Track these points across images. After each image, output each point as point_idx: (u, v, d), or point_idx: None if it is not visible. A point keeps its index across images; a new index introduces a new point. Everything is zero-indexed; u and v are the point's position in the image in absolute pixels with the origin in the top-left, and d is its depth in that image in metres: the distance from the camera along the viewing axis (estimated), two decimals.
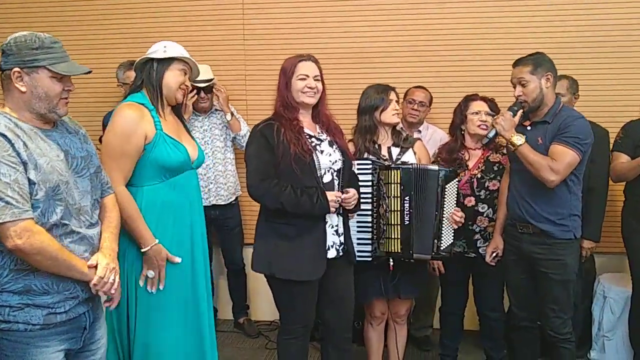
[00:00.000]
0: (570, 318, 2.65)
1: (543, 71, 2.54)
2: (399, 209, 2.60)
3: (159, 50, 2.26)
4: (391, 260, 2.67)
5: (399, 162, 2.74)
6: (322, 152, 2.43)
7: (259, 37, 3.83)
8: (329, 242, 2.45)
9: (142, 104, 2.23)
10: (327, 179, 2.43)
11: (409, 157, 2.77)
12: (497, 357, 3.09)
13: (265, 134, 2.37)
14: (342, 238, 2.50)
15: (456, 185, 2.68)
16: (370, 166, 2.63)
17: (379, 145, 2.77)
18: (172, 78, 2.26)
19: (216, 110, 3.63)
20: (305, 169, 2.35)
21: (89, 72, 1.79)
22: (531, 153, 2.48)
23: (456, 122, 2.98)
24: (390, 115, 2.75)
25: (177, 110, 2.40)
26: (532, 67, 2.53)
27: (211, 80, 3.51)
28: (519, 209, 2.64)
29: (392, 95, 2.77)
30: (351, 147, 2.72)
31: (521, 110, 2.58)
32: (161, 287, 2.21)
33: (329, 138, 2.49)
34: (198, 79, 3.46)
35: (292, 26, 3.79)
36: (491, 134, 2.63)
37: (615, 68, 3.53)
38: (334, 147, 2.48)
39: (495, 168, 2.91)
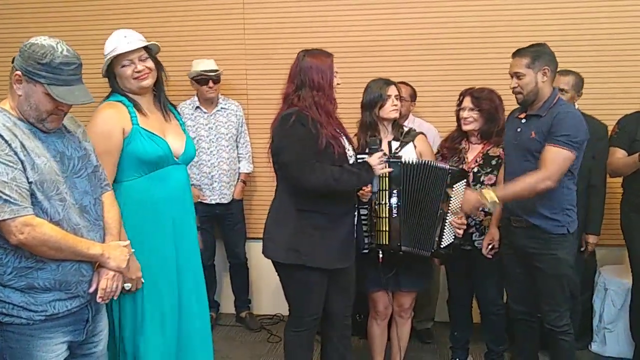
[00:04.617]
0: (567, 310, 2.64)
1: (540, 65, 2.50)
2: (386, 201, 2.61)
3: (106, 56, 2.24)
4: (380, 252, 2.67)
5: (396, 155, 2.74)
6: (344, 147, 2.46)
7: (259, 32, 3.84)
8: None
9: (120, 102, 2.23)
10: None
11: (408, 151, 2.77)
12: (497, 349, 3.10)
13: (304, 123, 2.34)
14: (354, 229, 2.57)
15: (464, 186, 2.68)
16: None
17: (380, 140, 2.77)
18: (123, 74, 2.22)
19: (222, 108, 3.64)
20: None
21: (90, 102, 1.75)
22: (513, 192, 2.46)
23: (456, 116, 3.01)
24: (389, 111, 2.75)
25: (164, 104, 2.34)
26: (530, 60, 2.50)
27: (217, 71, 3.55)
28: (512, 203, 2.60)
29: (391, 90, 2.76)
30: (356, 143, 2.73)
31: (381, 152, 2.51)
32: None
33: (342, 133, 2.50)
34: (206, 69, 3.51)
35: (292, 20, 3.79)
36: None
37: (615, 62, 3.53)
38: (348, 142, 2.51)
39: (494, 162, 2.90)
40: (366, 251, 2.68)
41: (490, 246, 2.82)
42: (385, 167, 2.49)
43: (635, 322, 3.16)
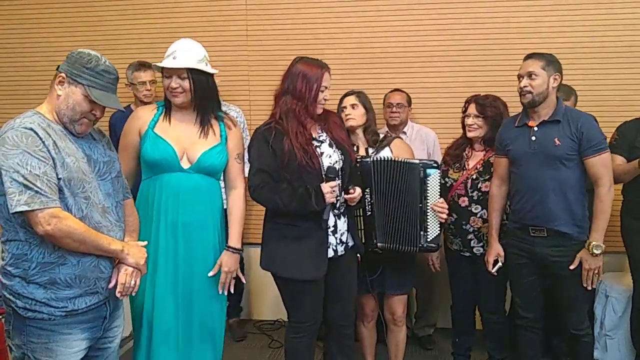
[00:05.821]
0: (586, 311, 2.69)
1: (553, 70, 2.56)
2: (361, 200, 2.60)
3: None
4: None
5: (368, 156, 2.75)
6: (321, 154, 2.45)
7: (262, 37, 3.86)
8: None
9: (157, 105, 2.41)
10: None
11: (385, 154, 2.77)
12: (498, 357, 3.09)
13: (267, 139, 2.40)
14: (342, 237, 2.52)
15: (438, 178, 2.69)
16: None
17: (357, 147, 2.81)
18: (163, 84, 2.36)
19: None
20: (312, 178, 2.38)
21: (121, 110, 1.99)
22: (603, 223, 2.52)
23: (462, 123, 3.03)
24: (344, 120, 2.76)
25: (204, 123, 2.36)
26: (545, 63, 2.55)
27: None
28: (532, 213, 2.60)
29: (345, 101, 2.81)
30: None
31: (334, 182, 2.39)
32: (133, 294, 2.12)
33: (328, 138, 2.51)
34: None
35: (295, 26, 3.82)
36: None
37: (615, 70, 3.54)
38: (334, 147, 2.50)
39: (493, 170, 2.90)
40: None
41: (496, 264, 2.77)
42: (335, 196, 2.39)
43: (636, 329, 3.16)
